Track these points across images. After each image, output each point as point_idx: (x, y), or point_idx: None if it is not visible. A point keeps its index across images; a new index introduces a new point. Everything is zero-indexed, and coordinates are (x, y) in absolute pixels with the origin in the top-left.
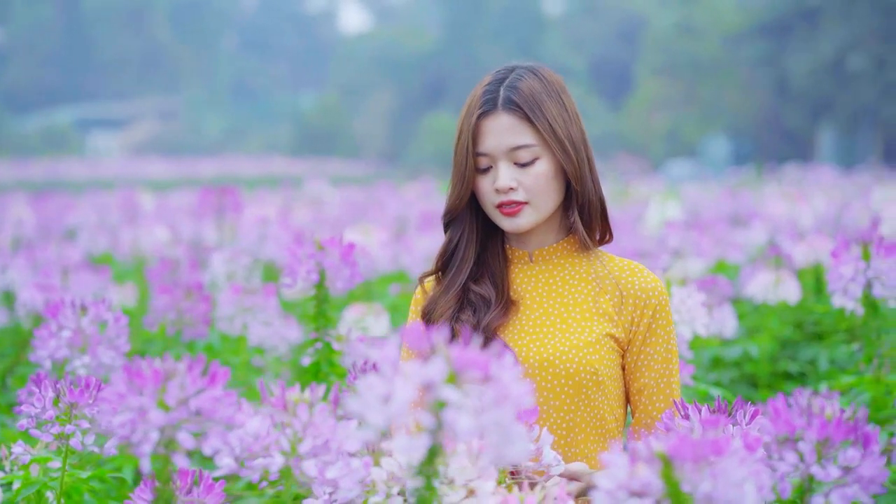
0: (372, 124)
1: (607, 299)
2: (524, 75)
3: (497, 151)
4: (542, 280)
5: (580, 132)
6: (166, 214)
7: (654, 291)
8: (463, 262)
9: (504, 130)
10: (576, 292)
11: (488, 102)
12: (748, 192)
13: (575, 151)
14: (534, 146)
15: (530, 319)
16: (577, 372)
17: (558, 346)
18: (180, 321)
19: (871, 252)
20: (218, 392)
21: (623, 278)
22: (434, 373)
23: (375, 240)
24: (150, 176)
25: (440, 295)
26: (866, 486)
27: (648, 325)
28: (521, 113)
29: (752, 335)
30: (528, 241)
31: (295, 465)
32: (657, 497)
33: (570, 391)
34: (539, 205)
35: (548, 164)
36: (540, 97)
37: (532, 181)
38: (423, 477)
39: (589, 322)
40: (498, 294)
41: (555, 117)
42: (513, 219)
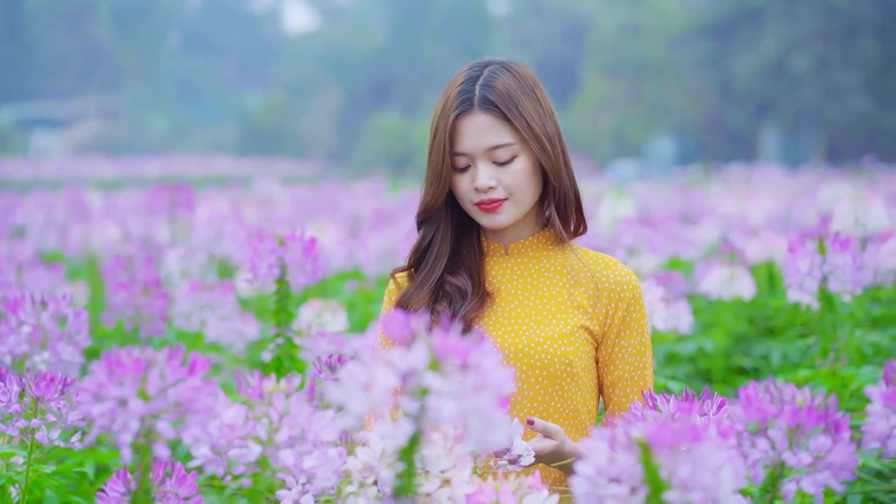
0: (318, 124)
1: (582, 292)
2: (498, 72)
3: (475, 151)
4: (517, 272)
5: (555, 126)
6: (115, 213)
7: (629, 285)
8: (437, 258)
9: (482, 130)
10: (551, 285)
11: (465, 102)
12: (698, 191)
13: (551, 147)
14: (512, 145)
15: (506, 311)
16: (551, 363)
17: (533, 337)
18: (137, 318)
19: (827, 247)
20: (197, 382)
21: (598, 272)
22: (416, 360)
23: (330, 237)
24: (95, 175)
25: (414, 291)
26: (837, 473)
27: (623, 318)
28: (498, 112)
29: (706, 331)
30: (503, 234)
31: (271, 455)
32: (635, 483)
33: (543, 382)
34: (518, 201)
35: (526, 162)
36: (516, 95)
37: (511, 179)
38: (405, 463)
39: (564, 314)
40: (474, 286)
41: (531, 114)
42: (492, 215)
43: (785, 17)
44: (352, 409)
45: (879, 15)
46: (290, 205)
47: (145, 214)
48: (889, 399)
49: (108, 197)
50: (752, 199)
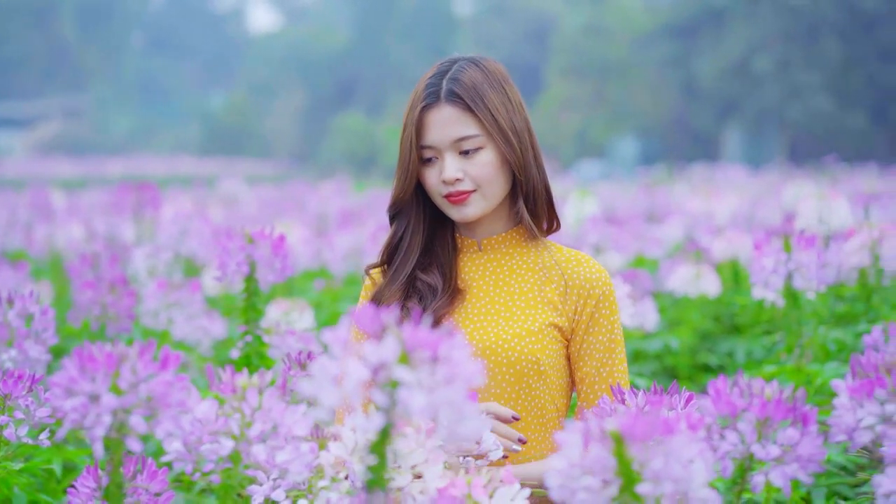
0: (283, 124)
1: (553, 288)
2: (466, 67)
3: (442, 143)
4: (489, 269)
5: (524, 121)
6: (79, 212)
7: (599, 281)
8: (409, 253)
9: (447, 122)
10: (522, 281)
11: (431, 95)
12: (663, 190)
13: (518, 140)
14: (477, 136)
15: (476, 307)
16: (517, 360)
17: (500, 335)
18: (104, 316)
19: (792, 245)
20: (169, 376)
21: (569, 268)
22: (386, 353)
23: (297, 236)
24: (57, 175)
25: (385, 286)
26: (805, 465)
27: (591, 314)
28: (463, 104)
29: (672, 328)
30: (476, 229)
31: (244, 450)
32: (608, 475)
33: (510, 379)
34: (487, 193)
35: (493, 154)
36: (482, 87)
37: (478, 170)
38: (377, 456)
39: (533, 311)
40: (445, 282)
41: (497, 107)
42: (460, 207)
43: (747, 17)
44: (323, 402)
45: (840, 16)
46: (256, 204)
47: (110, 214)
48: (855, 392)
49: (71, 197)
50: (716, 198)
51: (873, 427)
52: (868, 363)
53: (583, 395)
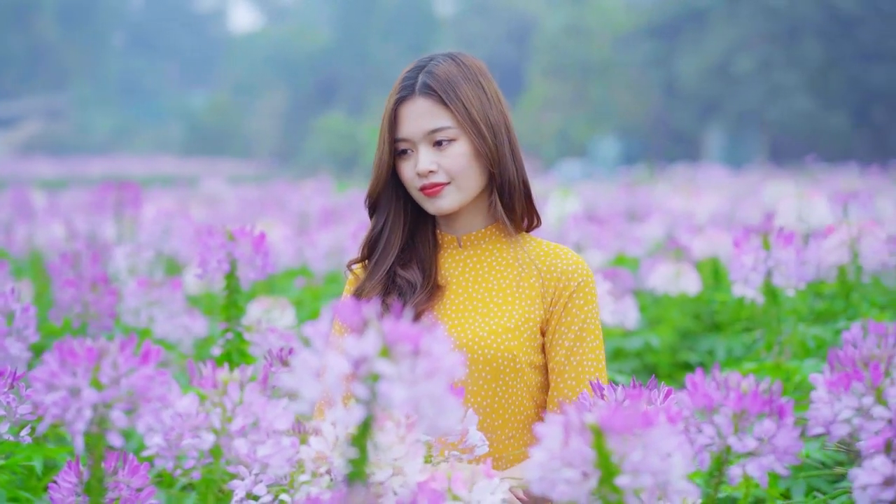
0: (264, 124)
1: (532, 283)
2: (442, 61)
3: (415, 135)
4: (469, 265)
5: (501, 116)
6: (60, 212)
7: (576, 272)
8: (388, 247)
9: (421, 114)
10: (500, 277)
11: (406, 88)
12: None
13: (493, 134)
14: (450, 128)
15: (454, 304)
16: (494, 357)
17: (477, 332)
18: (85, 314)
19: (771, 242)
20: (150, 371)
21: (547, 260)
22: (367, 346)
23: (278, 235)
24: (38, 175)
25: (366, 280)
26: (781, 457)
27: (565, 303)
28: (436, 96)
29: (652, 326)
30: (456, 225)
31: (225, 444)
32: (588, 468)
33: (486, 376)
34: (461, 185)
35: (466, 146)
36: (456, 80)
37: (451, 162)
38: (358, 449)
39: (510, 307)
40: (424, 278)
41: (470, 100)
42: (435, 199)
43: (728, 18)
44: (304, 396)
45: (820, 16)
46: (238, 204)
47: (91, 213)
48: (833, 385)
49: (52, 196)
50: (697, 197)
51: (850, 420)
52: (845, 357)
53: (552, 385)
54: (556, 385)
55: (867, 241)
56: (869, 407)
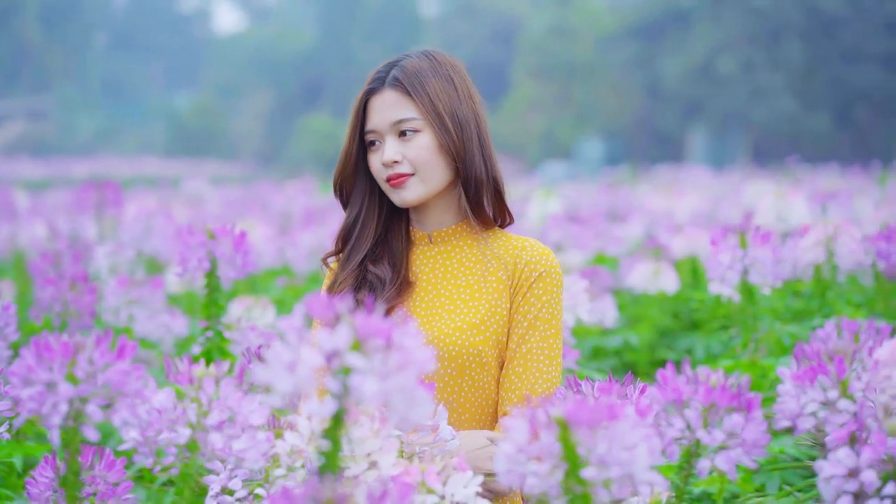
0: (248, 125)
1: (499, 277)
2: (414, 56)
3: (382, 127)
4: (438, 261)
5: (471, 112)
6: (43, 212)
7: (539, 262)
8: (361, 239)
9: (388, 106)
10: (469, 273)
11: (376, 81)
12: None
13: (459, 128)
14: (415, 119)
15: (423, 300)
16: (459, 354)
17: (443, 328)
18: (66, 313)
19: (748, 241)
20: (126, 365)
21: (514, 253)
22: (339, 340)
23: (260, 235)
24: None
25: (339, 271)
26: (749, 450)
27: (525, 292)
28: (402, 88)
29: (632, 325)
30: (427, 221)
31: (201, 439)
32: (555, 461)
33: (452, 373)
34: (424, 177)
35: (430, 138)
36: (424, 74)
37: (414, 154)
38: (330, 441)
39: (476, 302)
40: (394, 274)
41: (437, 93)
42: (399, 191)
43: (711, 19)
44: (278, 389)
45: (803, 18)
46: (220, 204)
47: (73, 213)
48: (799, 379)
49: (35, 197)
50: (677, 197)
51: (816, 413)
52: (811, 351)
53: (503, 373)
54: (506, 373)
55: (842, 240)
56: (834, 400)
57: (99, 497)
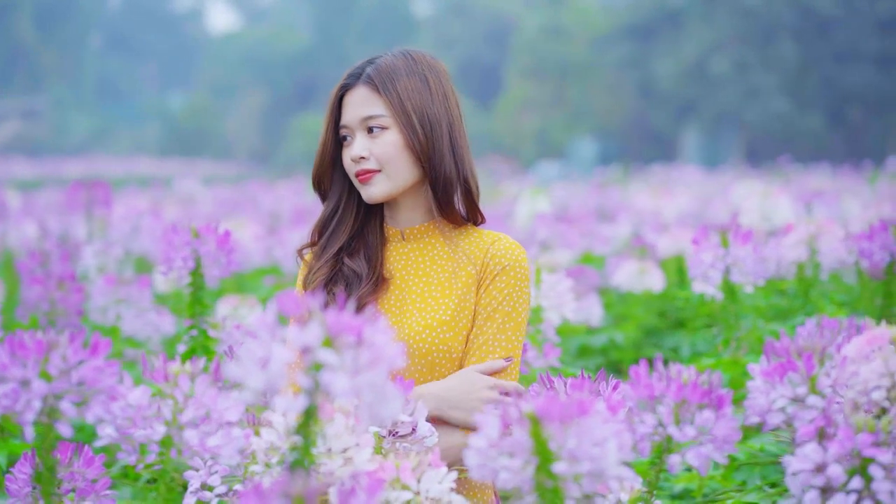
0: (242, 124)
1: (469, 272)
2: (391, 55)
3: (352, 123)
4: (410, 259)
5: (444, 113)
6: (34, 212)
7: (505, 256)
8: (337, 232)
9: (358, 102)
10: (439, 270)
11: (350, 77)
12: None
13: (429, 127)
14: (382, 117)
15: (395, 297)
16: (429, 351)
17: (413, 326)
18: (53, 312)
19: (730, 240)
20: (100, 362)
21: (483, 248)
22: (310, 337)
23: (248, 233)
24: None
25: (314, 261)
26: (720, 446)
27: (487, 285)
28: (373, 85)
29: (617, 323)
30: (399, 218)
31: (176, 435)
32: (526, 455)
33: (423, 370)
34: (391, 174)
35: (397, 135)
36: (396, 72)
37: (380, 150)
38: (302, 436)
39: (446, 299)
40: (370, 270)
41: (408, 92)
42: (366, 187)
43: (704, 19)
44: (249, 385)
45: (796, 18)
46: (212, 204)
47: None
48: (768, 375)
49: (27, 197)
50: (665, 196)
51: (785, 409)
52: (781, 348)
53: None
54: (464, 362)
55: (825, 239)
56: (803, 396)
57: (78, 493)
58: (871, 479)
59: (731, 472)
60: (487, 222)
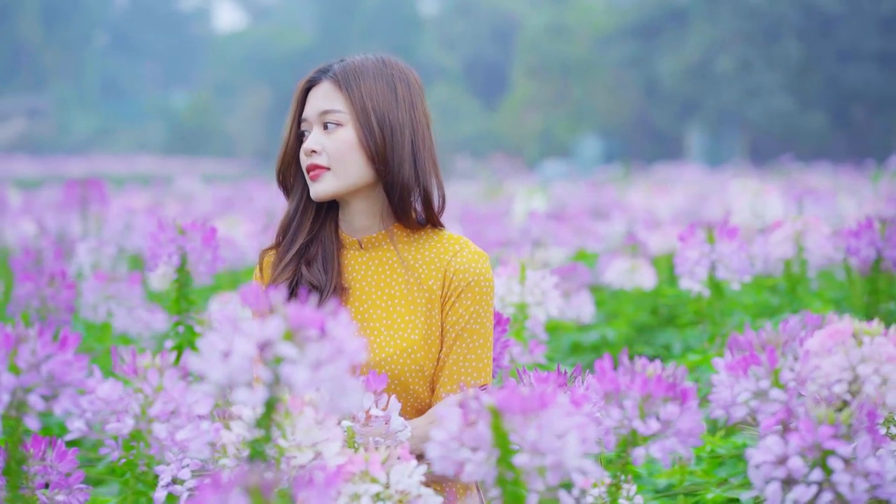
0: (246, 123)
1: (431, 285)
2: (364, 56)
3: (311, 116)
4: (371, 269)
5: (409, 121)
6: (34, 210)
7: (468, 271)
8: (298, 232)
9: (319, 96)
10: (402, 283)
11: (318, 72)
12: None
13: (389, 132)
14: (340, 112)
15: (359, 312)
16: (402, 373)
17: (385, 349)
18: (44, 309)
19: (715, 236)
20: (69, 356)
21: (446, 258)
22: (271, 330)
23: (241, 230)
24: (18, 174)
25: (275, 263)
26: (684, 439)
27: (453, 302)
28: (336, 82)
29: (609, 320)
30: (354, 224)
31: (145, 429)
32: (487, 448)
33: (396, 389)
34: (339, 173)
35: (351, 134)
36: (363, 73)
37: (333, 146)
38: (262, 429)
39: (414, 316)
40: (329, 280)
41: (372, 94)
42: (314, 184)
43: (708, 18)
44: (211, 378)
45: (799, 16)
46: (212, 202)
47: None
48: (732, 369)
49: (28, 195)
50: (661, 194)
51: (748, 402)
52: (745, 342)
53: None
54: (436, 382)
55: (812, 236)
56: (766, 389)
57: (52, 487)
58: (832, 472)
59: (713, 466)
60: (487, 220)
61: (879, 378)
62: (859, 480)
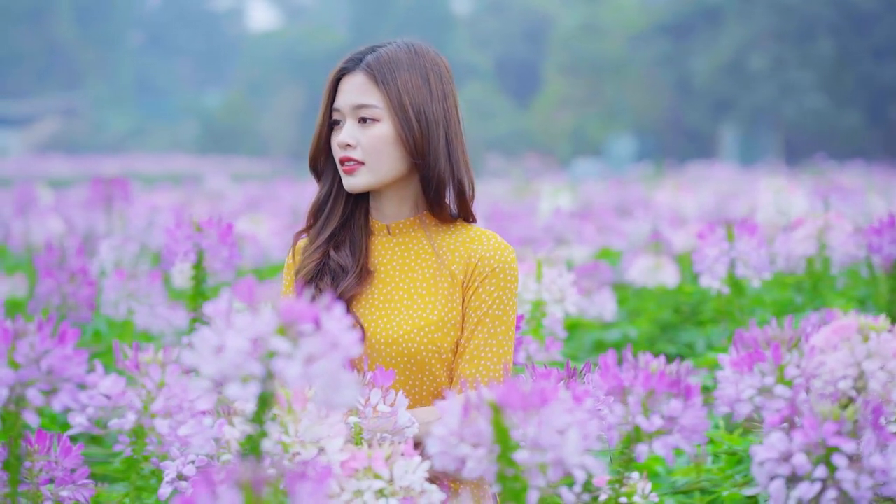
0: (279, 122)
1: (454, 270)
2: (396, 46)
3: (345, 108)
4: (397, 254)
5: (441, 112)
6: (64, 208)
7: (493, 258)
8: (330, 217)
9: (354, 89)
10: (427, 267)
11: (350, 62)
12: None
13: (425, 125)
14: (376, 107)
15: (382, 293)
16: (418, 351)
17: (403, 327)
18: (64, 306)
19: (735, 234)
20: (68, 351)
21: (471, 247)
22: (263, 325)
23: (265, 228)
24: (52, 174)
25: (308, 244)
26: (688, 436)
27: (476, 287)
28: (372, 75)
29: (632, 319)
30: (385, 212)
31: (148, 425)
32: (488, 444)
33: (413, 368)
34: (374, 167)
35: (388, 129)
36: (398, 65)
37: (368, 141)
38: (256, 424)
39: (434, 298)
40: (355, 262)
41: (407, 87)
42: (348, 177)
43: (741, 16)
44: (204, 373)
45: (834, 14)
46: (241, 200)
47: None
48: (737, 365)
49: (60, 194)
50: (687, 191)
51: (752, 399)
52: (750, 338)
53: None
54: (456, 367)
55: (834, 233)
56: (771, 386)
57: (56, 483)
58: (836, 469)
59: (730, 465)
60: (513, 218)
61: (885, 374)
62: (864, 477)
